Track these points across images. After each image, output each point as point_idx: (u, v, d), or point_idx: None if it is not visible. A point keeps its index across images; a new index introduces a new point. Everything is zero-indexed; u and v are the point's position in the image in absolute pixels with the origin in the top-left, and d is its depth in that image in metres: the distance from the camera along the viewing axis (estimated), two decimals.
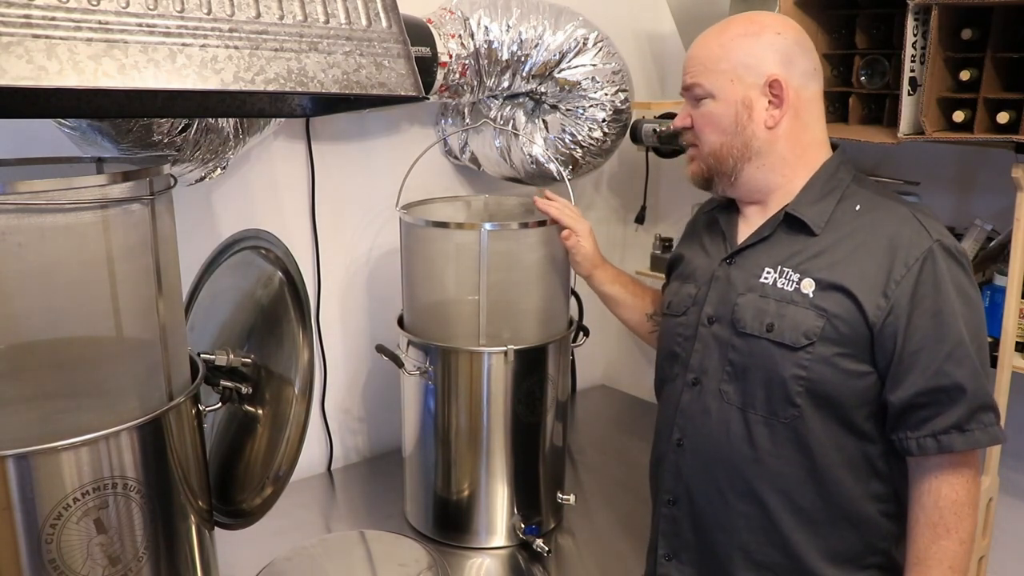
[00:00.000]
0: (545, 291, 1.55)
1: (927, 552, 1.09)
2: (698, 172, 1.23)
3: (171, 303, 1.02)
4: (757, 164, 1.17)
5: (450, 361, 1.50)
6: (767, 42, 1.15)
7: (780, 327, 1.12)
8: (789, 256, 1.15)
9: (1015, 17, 1.35)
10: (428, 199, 1.69)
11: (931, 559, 1.09)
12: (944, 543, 1.08)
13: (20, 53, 0.70)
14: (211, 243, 1.31)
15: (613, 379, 2.47)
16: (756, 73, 1.14)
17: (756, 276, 1.17)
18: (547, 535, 1.58)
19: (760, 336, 1.14)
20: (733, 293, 1.19)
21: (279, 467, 1.16)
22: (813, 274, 1.12)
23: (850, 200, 1.15)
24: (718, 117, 1.16)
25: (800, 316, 1.11)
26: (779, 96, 1.14)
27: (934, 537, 1.09)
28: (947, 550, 1.08)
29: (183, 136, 1.32)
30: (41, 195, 0.85)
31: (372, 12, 0.94)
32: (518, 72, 1.70)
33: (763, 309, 1.14)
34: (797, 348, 1.11)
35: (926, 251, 1.07)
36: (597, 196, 2.31)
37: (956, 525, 1.08)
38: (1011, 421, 1.51)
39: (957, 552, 1.08)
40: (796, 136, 1.17)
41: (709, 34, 1.19)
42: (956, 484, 1.08)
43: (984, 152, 1.68)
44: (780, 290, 1.14)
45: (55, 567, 0.90)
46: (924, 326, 1.06)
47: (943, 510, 1.08)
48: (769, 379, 1.13)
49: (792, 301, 1.12)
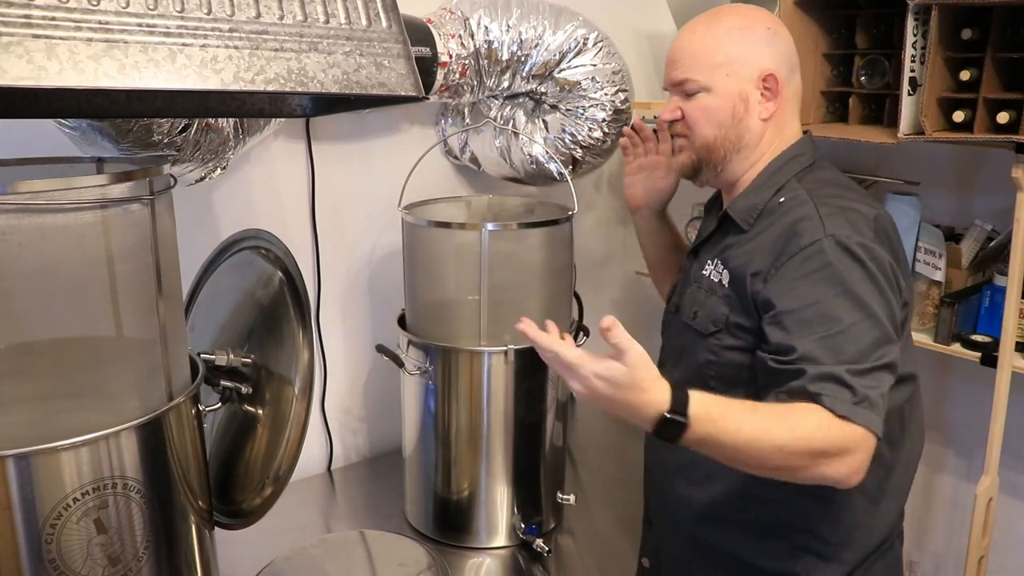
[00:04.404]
0: (546, 291, 1.55)
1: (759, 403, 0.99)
2: (687, 163, 1.24)
3: (171, 303, 1.01)
4: (743, 156, 1.19)
5: (450, 361, 1.50)
6: (760, 36, 1.16)
7: (700, 315, 1.18)
8: (722, 249, 1.20)
9: (1015, 17, 1.35)
10: (430, 199, 1.70)
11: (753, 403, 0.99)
12: (776, 407, 0.97)
13: (20, 53, 0.70)
14: (211, 243, 1.31)
15: None
16: (751, 67, 1.15)
17: (701, 268, 1.22)
18: (547, 535, 1.58)
19: (688, 323, 1.21)
20: (687, 285, 1.25)
21: (279, 467, 1.16)
22: (728, 265, 1.16)
23: (780, 193, 1.16)
24: (714, 111, 1.17)
25: (713, 304, 1.16)
26: (772, 90, 1.15)
27: (773, 408, 0.98)
28: (770, 410, 0.97)
29: (183, 136, 1.32)
30: (41, 195, 0.85)
31: (372, 12, 0.94)
32: (518, 72, 1.70)
33: (695, 299, 1.21)
34: (706, 334, 1.16)
35: (815, 242, 1.05)
36: (597, 196, 2.31)
37: (799, 415, 0.95)
38: (1011, 421, 1.51)
39: (772, 417, 0.95)
40: (779, 128, 1.19)
41: (698, 26, 1.19)
42: (820, 410, 0.96)
43: (984, 152, 1.68)
44: (710, 280, 1.19)
45: (55, 567, 0.90)
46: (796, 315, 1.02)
47: (796, 406, 0.97)
48: (692, 363, 1.20)
49: (713, 291, 1.17)
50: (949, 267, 1.61)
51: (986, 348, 1.51)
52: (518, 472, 1.54)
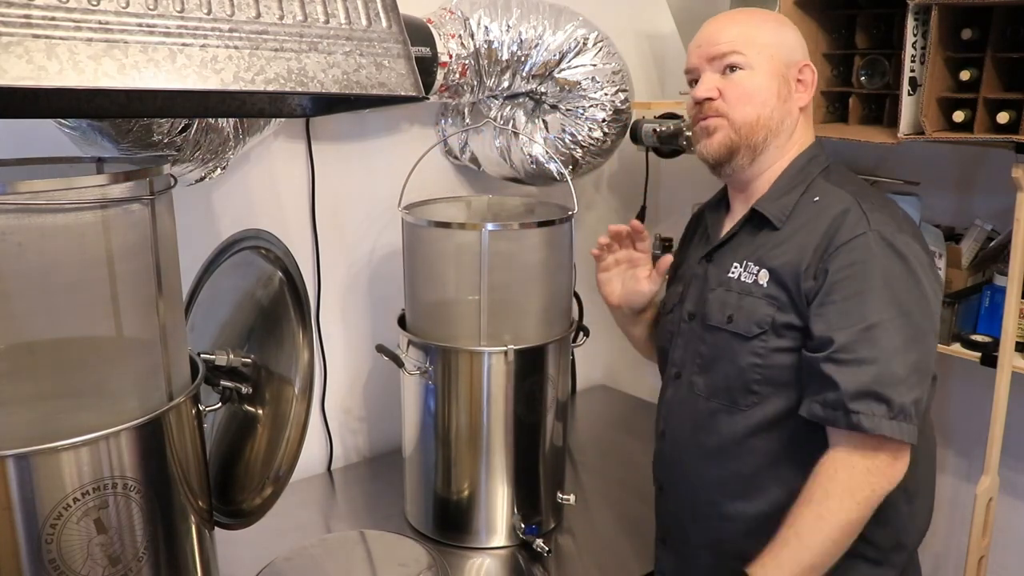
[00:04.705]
0: (546, 291, 1.55)
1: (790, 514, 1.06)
2: (724, 143, 1.17)
3: (171, 303, 1.01)
4: (779, 143, 1.19)
5: (450, 361, 1.50)
6: (794, 32, 1.19)
7: (737, 318, 1.16)
8: (754, 250, 1.18)
9: (1015, 17, 1.35)
10: (430, 199, 1.70)
11: (786, 519, 1.06)
12: (802, 509, 1.05)
13: (20, 53, 0.70)
14: (211, 243, 1.31)
15: (613, 379, 2.47)
16: (791, 53, 1.17)
17: (726, 271, 1.20)
18: (547, 535, 1.58)
19: (722, 328, 1.18)
20: (707, 290, 1.23)
21: (279, 467, 1.16)
22: (768, 264, 1.15)
23: (811, 192, 1.17)
24: (757, 89, 1.15)
25: (754, 306, 1.14)
26: (806, 81, 1.17)
27: (799, 502, 1.06)
28: (800, 516, 1.05)
29: (183, 136, 1.32)
30: (41, 195, 0.84)
31: (372, 12, 0.94)
32: (518, 72, 1.70)
33: (726, 302, 1.18)
34: (750, 337, 1.14)
35: (860, 235, 1.07)
36: (597, 196, 2.31)
37: (822, 498, 1.04)
38: (1011, 421, 1.51)
39: (809, 522, 1.04)
40: (808, 125, 1.22)
41: (737, 14, 1.19)
42: (839, 461, 1.05)
43: (984, 152, 1.68)
44: (742, 283, 1.17)
45: (55, 567, 0.90)
46: (837, 306, 1.06)
47: (817, 476, 1.06)
48: (731, 369, 1.17)
49: (749, 292, 1.16)
50: (949, 267, 1.61)
51: (986, 348, 1.51)
52: (518, 472, 1.54)
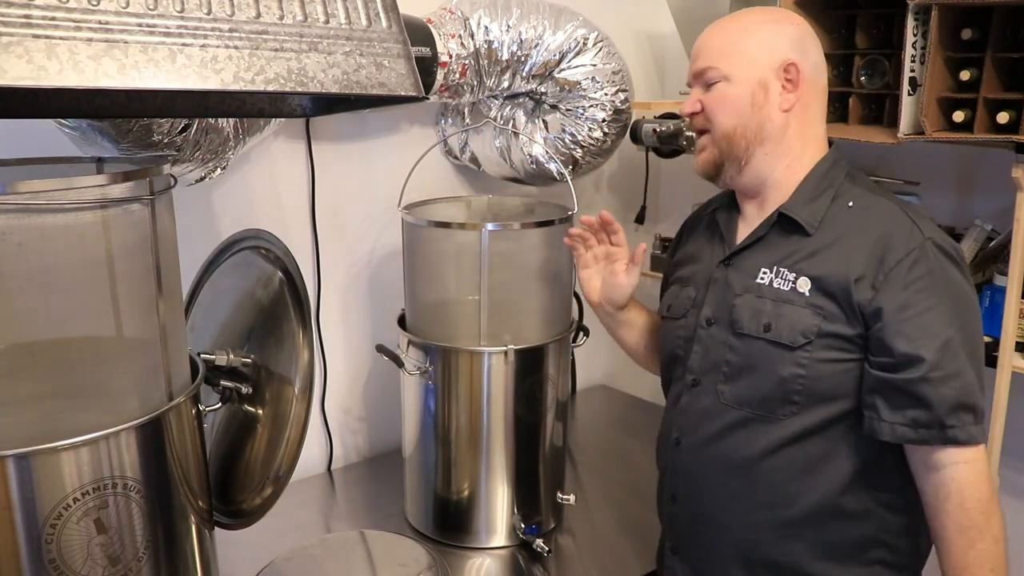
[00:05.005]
0: (546, 291, 1.55)
1: (965, 559, 1.06)
2: (709, 159, 1.19)
3: (171, 303, 1.01)
4: (766, 150, 1.17)
5: (450, 361, 1.50)
6: (785, 30, 1.16)
7: (778, 327, 1.12)
8: (785, 256, 1.15)
9: (1015, 17, 1.35)
10: (430, 199, 1.70)
11: (971, 565, 1.06)
12: (980, 547, 1.05)
13: (20, 53, 0.70)
14: (211, 243, 1.31)
15: (613, 379, 2.47)
16: (773, 55, 1.14)
17: (752, 277, 1.17)
18: (547, 535, 1.58)
19: (758, 336, 1.14)
20: (730, 295, 1.19)
21: (279, 467, 1.16)
22: (808, 272, 1.12)
23: (843, 198, 1.16)
24: (732, 98, 1.15)
25: (797, 315, 1.11)
26: (793, 81, 1.14)
27: (969, 543, 1.06)
28: (985, 553, 1.05)
29: (183, 136, 1.32)
30: (41, 195, 0.85)
31: (372, 12, 0.94)
32: (518, 72, 1.70)
33: (760, 310, 1.15)
34: (795, 347, 1.11)
35: (918, 246, 1.07)
36: (597, 196, 2.31)
37: (986, 525, 1.06)
38: (1011, 421, 1.51)
39: (993, 552, 1.06)
40: (803, 127, 1.18)
41: (724, 21, 1.19)
42: (951, 486, 1.06)
43: (984, 152, 1.68)
44: (776, 290, 1.14)
45: (55, 567, 0.90)
46: (914, 322, 1.06)
47: (970, 511, 1.05)
48: (767, 379, 1.14)
49: (788, 300, 1.13)
50: None
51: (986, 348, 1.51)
52: (518, 472, 1.54)
